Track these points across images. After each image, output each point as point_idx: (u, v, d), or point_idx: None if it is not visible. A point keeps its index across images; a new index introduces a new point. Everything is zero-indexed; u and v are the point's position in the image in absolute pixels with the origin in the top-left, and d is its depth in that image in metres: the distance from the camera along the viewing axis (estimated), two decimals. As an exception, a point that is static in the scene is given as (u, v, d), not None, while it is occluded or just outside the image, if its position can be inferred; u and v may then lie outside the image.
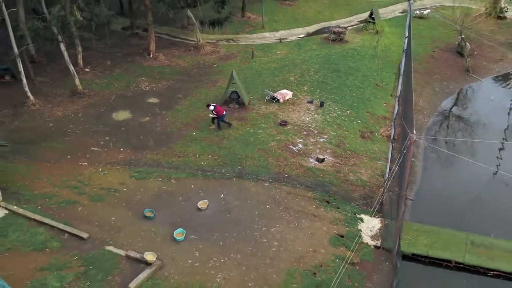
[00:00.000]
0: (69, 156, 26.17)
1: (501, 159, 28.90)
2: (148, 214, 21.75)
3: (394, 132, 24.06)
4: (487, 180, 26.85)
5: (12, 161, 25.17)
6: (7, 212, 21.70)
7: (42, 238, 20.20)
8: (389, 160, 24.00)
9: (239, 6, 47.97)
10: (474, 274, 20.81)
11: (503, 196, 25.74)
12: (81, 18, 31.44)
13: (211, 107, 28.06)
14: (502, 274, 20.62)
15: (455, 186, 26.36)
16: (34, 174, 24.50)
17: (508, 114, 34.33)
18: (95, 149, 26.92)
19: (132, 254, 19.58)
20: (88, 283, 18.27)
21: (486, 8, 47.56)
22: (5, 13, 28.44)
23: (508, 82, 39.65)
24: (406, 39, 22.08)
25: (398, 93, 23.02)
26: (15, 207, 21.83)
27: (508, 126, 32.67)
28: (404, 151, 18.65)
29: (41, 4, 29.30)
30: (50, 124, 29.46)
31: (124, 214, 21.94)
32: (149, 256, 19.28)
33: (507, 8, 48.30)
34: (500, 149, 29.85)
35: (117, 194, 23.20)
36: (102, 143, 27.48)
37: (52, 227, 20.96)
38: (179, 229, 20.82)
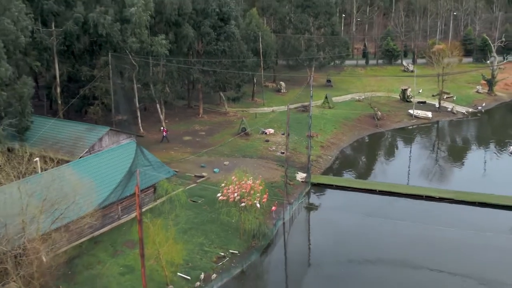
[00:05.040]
0: (164, 150, 52.07)
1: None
2: (203, 164, 47.15)
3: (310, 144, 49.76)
4: (369, 157, 52.39)
5: (138, 151, 50.99)
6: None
7: (159, 171, 45.44)
8: (309, 154, 49.37)
9: (250, 94, 75.63)
10: (347, 190, 45.22)
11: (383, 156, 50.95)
12: (168, 91, 58.79)
13: (162, 128, 54.82)
14: (357, 189, 45.12)
15: (348, 165, 51.95)
16: (150, 155, 50.28)
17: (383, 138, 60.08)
18: (176, 148, 52.86)
19: (197, 174, 44.84)
20: (181, 181, 43.33)
21: (400, 96, 75.32)
22: (135, 87, 56.06)
23: (400, 132, 65.49)
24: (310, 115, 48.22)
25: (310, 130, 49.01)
26: (145, 163, 47.45)
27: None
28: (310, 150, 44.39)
29: (150, 83, 56.86)
30: (153, 141, 55.78)
31: (192, 166, 47.21)
32: (205, 174, 44.53)
33: (412, 96, 75.17)
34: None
35: (188, 159, 48.78)
36: (179, 146, 53.41)
37: (163, 168, 46.42)
38: (216, 168, 46.14)
